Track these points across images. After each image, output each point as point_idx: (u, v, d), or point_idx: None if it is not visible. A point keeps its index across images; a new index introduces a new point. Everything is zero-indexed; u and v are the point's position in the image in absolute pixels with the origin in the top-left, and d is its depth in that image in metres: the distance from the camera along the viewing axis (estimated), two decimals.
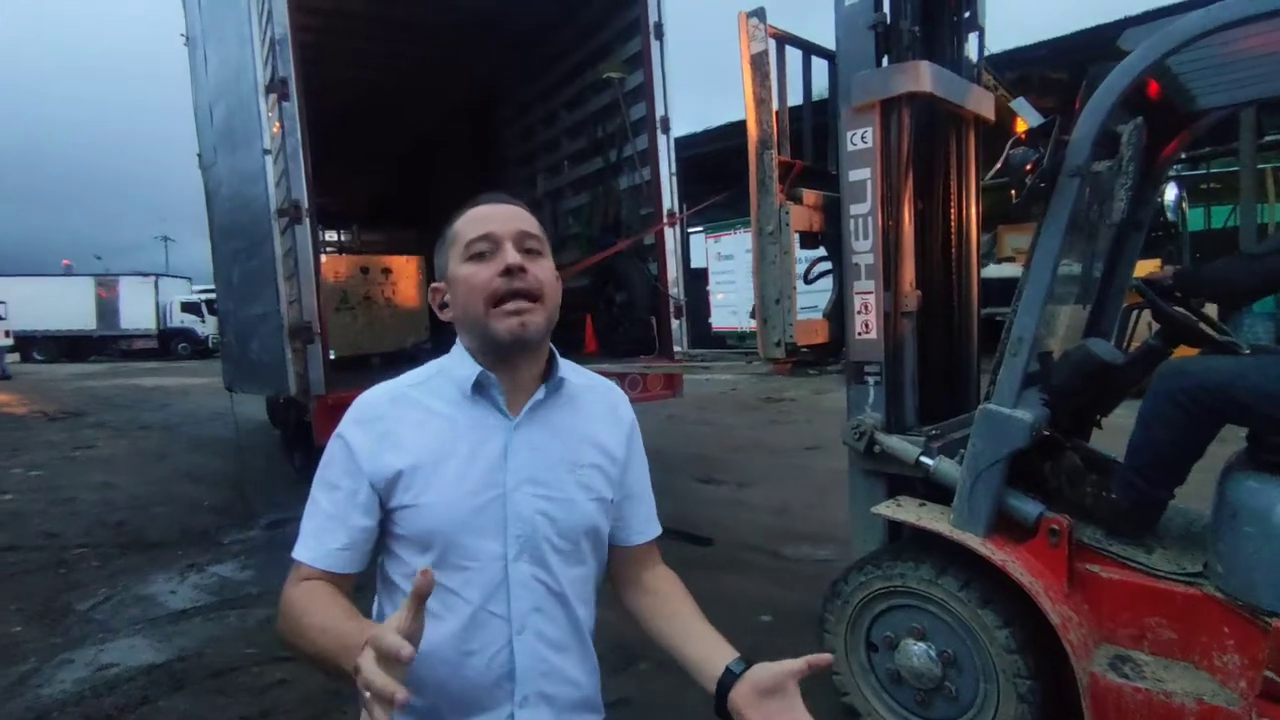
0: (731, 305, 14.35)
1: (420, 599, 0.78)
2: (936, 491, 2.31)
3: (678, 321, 5.09)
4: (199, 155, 5.24)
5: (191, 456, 7.87)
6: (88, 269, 32.78)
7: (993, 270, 14.32)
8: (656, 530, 1.18)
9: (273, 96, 3.83)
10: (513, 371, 1.03)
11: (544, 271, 1.01)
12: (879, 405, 2.44)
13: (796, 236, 2.51)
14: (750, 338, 14.29)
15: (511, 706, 0.99)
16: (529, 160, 7.19)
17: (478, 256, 0.98)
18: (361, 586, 1.05)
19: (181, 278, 31.68)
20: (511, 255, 0.97)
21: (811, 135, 2.79)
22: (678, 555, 4.07)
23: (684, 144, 18.72)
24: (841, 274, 2.55)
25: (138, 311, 26.69)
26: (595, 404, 1.11)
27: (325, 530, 0.99)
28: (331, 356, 5.07)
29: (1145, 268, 2.71)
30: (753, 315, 2.67)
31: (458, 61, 6.69)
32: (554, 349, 1.09)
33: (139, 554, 4.61)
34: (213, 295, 27.05)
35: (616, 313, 5.66)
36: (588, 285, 6.07)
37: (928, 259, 2.62)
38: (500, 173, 7.63)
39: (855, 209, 2.43)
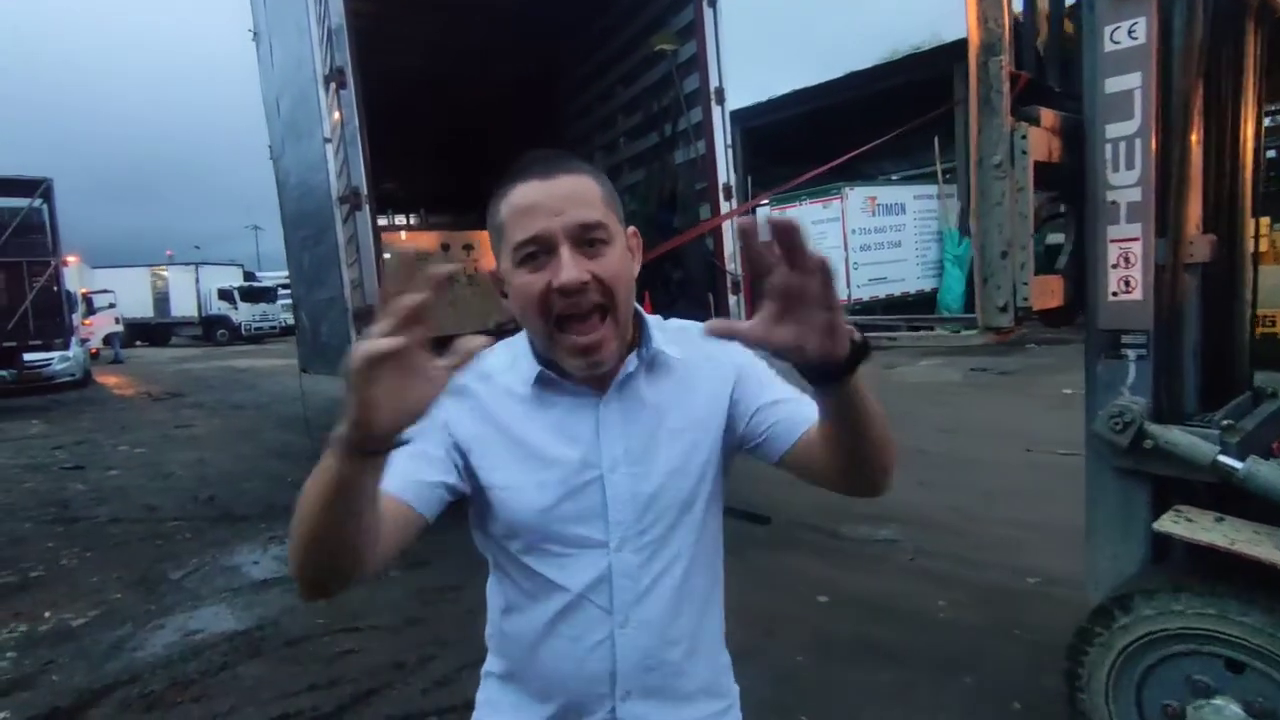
0: None
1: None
2: (1225, 499, 1.84)
3: (735, 298, 4.99)
4: (269, 146, 5.45)
5: (278, 434, 8.31)
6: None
7: None
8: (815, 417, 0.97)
9: (331, 85, 3.92)
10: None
11: (611, 268, 0.84)
12: (1143, 386, 1.92)
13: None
14: None
15: (613, 701, 0.92)
16: (586, 138, 7.17)
17: (529, 260, 0.84)
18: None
19: (234, 265, 33.07)
20: (567, 270, 0.81)
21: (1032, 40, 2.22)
22: (734, 533, 4.08)
23: (745, 115, 18.32)
24: (1081, 217, 2.04)
25: (184, 299, 28.40)
26: (696, 358, 0.97)
27: (418, 463, 0.87)
28: None
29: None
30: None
31: (516, 42, 6.70)
32: (639, 310, 0.96)
33: (227, 527, 4.91)
34: (246, 284, 28.01)
35: (674, 290, 5.61)
36: (645, 263, 6.04)
37: (1207, 196, 2.07)
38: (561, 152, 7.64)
39: (1114, 129, 1.89)
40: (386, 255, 5.17)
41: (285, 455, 7.02)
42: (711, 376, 0.97)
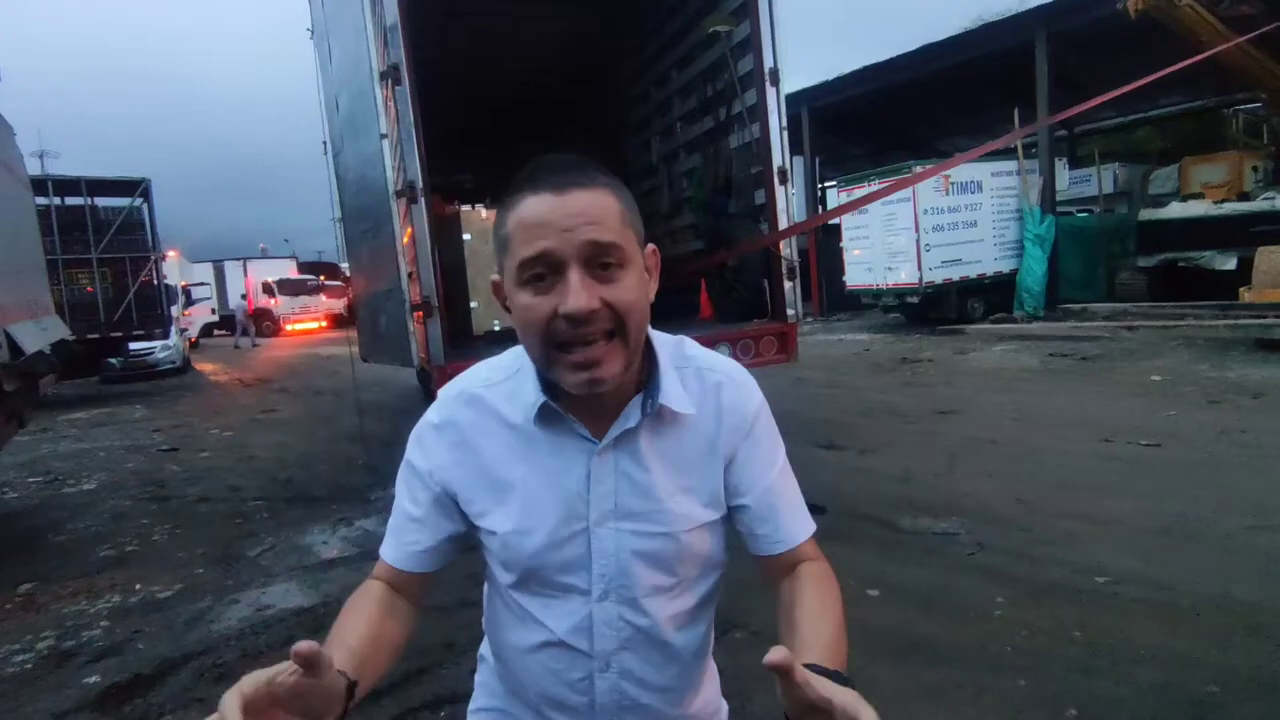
0: (866, 262, 13.59)
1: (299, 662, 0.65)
2: None
3: (790, 284, 4.90)
4: (326, 143, 5.65)
5: (354, 419, 8.65)
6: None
7: (1175, 209, 12.62)
8: (795, 541, 0.95)
9: (387, 82, 4.03)
10: (589, 397, 0.84)
11: (621, 295, 0.78)
12: None
13: None
14: (885, 295, 13.53)
15: None
16: (644, 125, 7.15)
17: (535, 280, 0.77)
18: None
19: (288, 258, 34.17)
20: (574, 297, 0.75)
21: None
22: None
23: (812, 94, 17.85)
24: None
25: (237, 293, 29.69)
26: (703, 410, 0.90)
27: (406, 530, 0.93)
28: (496, 327, 5.17)
29: None
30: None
31: (576, 29, 6.73)
32: (654, 347, 0.89)
33: (301, 507, 5.18)
34: (285, 277, 28.62)
35: (729, 276, 5.55)
36: (702, 249, 5.99)
37: None
38: (620, 140, 7.65)
39: None
40: (467, 236, 5.20)
41: (358, 439, 7.33)
42: (720, 434, 0.91)
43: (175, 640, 3.24)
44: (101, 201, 12.80)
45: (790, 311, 4.92)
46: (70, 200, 12.44)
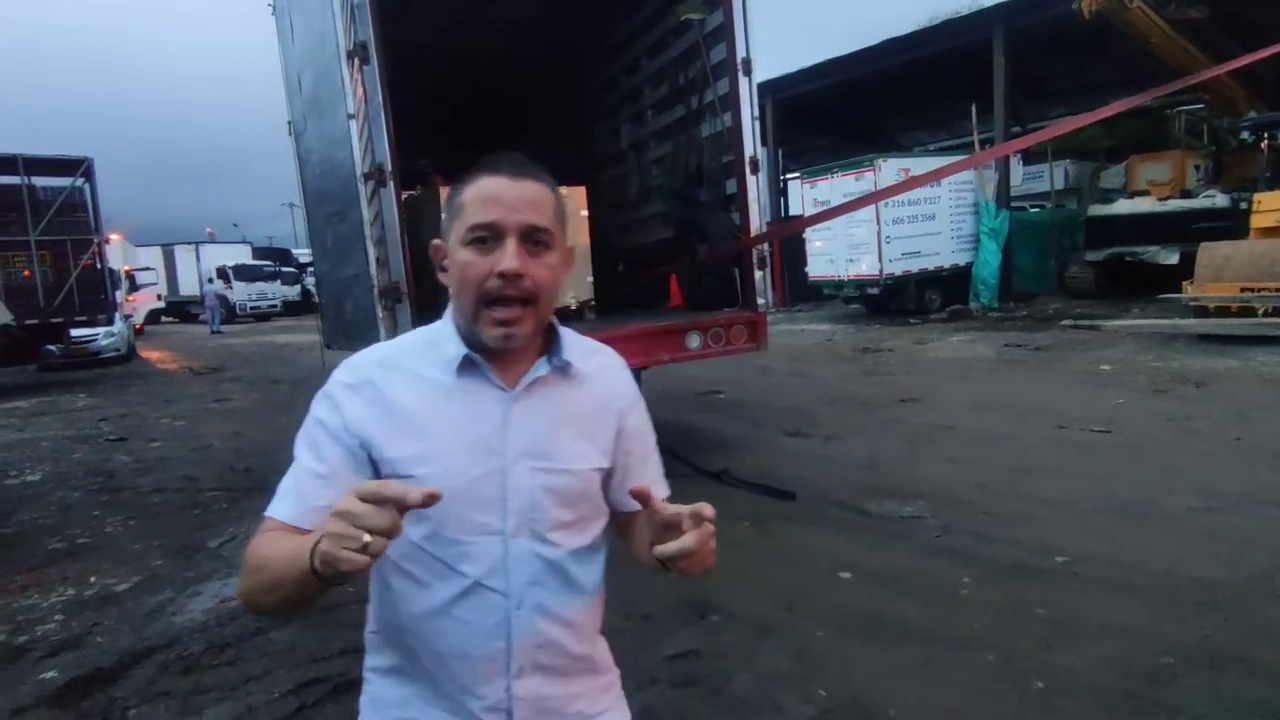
0: (828, 253, 13.77)
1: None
2: None
3: (760, 273, 4.94)
4: (289, 123, 5.47)
5: None
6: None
7: (1123, 205, 13.07)
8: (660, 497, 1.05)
9: (354, 61, 3.92)
10: (503, 353, 0.99)
11: (544, 271, 0.95)
12: None
13: None
14: (847, 286, 13.76)
15: (507, 679, 0.98)
16: (613, 111, 7.10)
17: (478, 243, 0.93)
18: None
19: (243, 243, 33.41)
20: (509, 259, 0.92)
21: None
22: (758, 509, 4.05)
23: (777, 86, 18.00)
24: None
25: (189, 278, 29.00)
26: (597, 375, 1.08)
27: (309, 486, 0.94)
28: None
29: None
30: None
31: (545, 14, 6.62)
32: (554, 321, 1.05)
33: (262, 497, 4.95)
34: (240, 262, 27.73)
35: (700, 265, 5.57)
36: (671, 238, 5.99)
37: None
38: (588, 126, 7.58)
39: None
40: (445, 215, 5.04)
41: None
42: (610, 398, 1.08)
43: (136, 633, 3.14)
44: (40, 181, 12.20)
45: (760, 301, 4.96)
46: (6, 179, 11.83)
